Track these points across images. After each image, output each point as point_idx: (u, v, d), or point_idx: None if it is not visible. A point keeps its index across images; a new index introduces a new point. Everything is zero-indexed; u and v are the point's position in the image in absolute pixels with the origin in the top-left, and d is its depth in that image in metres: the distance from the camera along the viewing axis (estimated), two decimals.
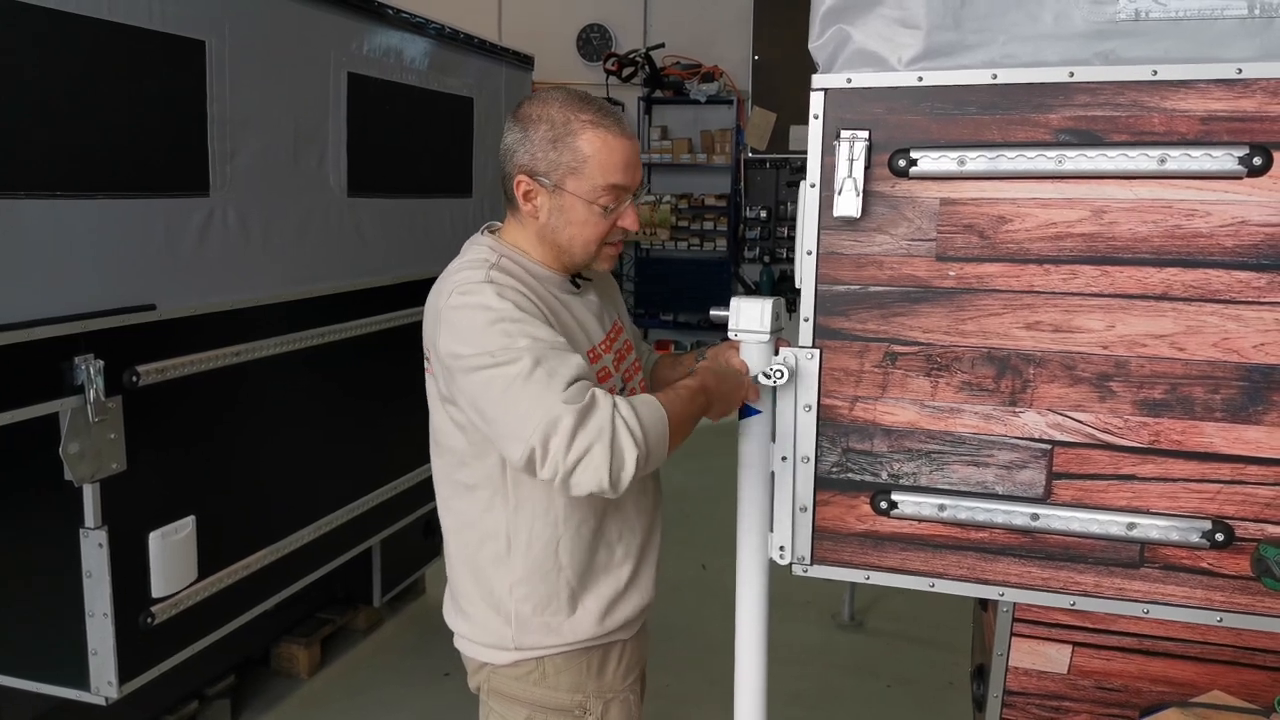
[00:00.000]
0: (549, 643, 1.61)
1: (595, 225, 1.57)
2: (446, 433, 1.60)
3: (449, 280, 1.55)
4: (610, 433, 1.35)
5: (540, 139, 1.53)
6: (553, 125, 1.52)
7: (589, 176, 1.53)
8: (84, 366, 2.07)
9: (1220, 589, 1.53)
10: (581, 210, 1.55)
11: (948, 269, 1.56)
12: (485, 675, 1.68)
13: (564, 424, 1.34)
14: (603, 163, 1.53)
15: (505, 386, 1.39)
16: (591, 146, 1.52)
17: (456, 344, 1.47)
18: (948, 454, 1.61)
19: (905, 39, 1.53)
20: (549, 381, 1.37)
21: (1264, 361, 1.46)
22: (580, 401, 1.36)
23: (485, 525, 1.60)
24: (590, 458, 1.34)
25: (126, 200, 2.20)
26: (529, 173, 1.54)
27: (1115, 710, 1.74)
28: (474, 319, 1.45)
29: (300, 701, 3.33)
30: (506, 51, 3.83)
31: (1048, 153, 1.49)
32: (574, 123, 1.52)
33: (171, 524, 2.34)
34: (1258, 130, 1.42)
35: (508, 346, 1.41)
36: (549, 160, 1.53)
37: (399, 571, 3.78)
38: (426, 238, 3.38)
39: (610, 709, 1.67)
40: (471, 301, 1.47)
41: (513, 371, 1.39)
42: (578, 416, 1.34)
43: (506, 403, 1.39)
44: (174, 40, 2.26)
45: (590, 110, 1.53)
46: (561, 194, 1.54)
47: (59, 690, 2.28)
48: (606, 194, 1.54)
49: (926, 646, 3.72)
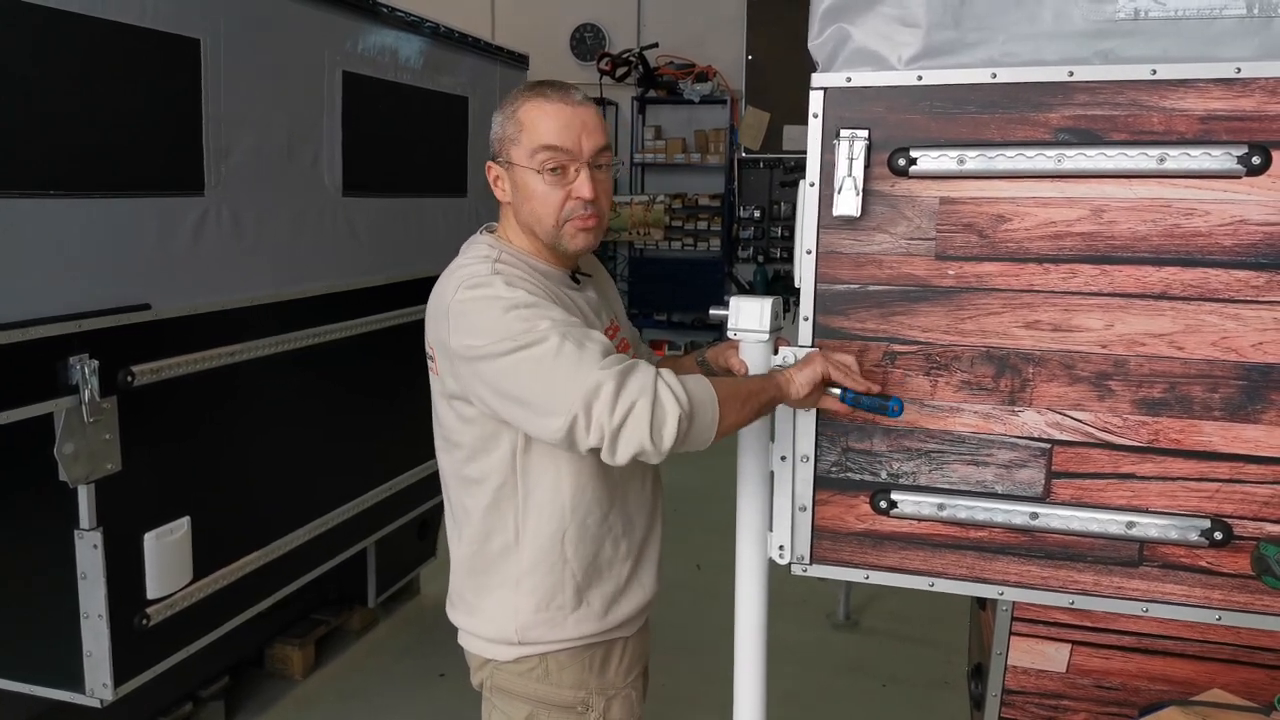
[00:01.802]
0: (552, 638, 1.62)
1: (546, 195, 1.56)
2: (454, 429, 1.61)
3: (453, 276, 1.55)
4: (653, 391, 1.36)
5: (495, 122, 1.61)
6: (503, 107, 1.60)
7: (525, 142, 1.56)
8: (79, 366, 2.06)
9: (1219, 587, 1.53)
10: (531, 180, 1.56)
11: (947, 268, 1.56)
12: (488, 672, 1.68)
13: (606, 388, 1.35)
14: (535, 125, 1.56)
15: (536, 365, 1.39)
16: (528, 115, 1.57)
17: (471, 336, 1.46)
18: (947, 453, 1.61)
19: (905, 38, 1.53)
20: (581, 353, 1.38)
21: (1262, 360, 1.46)
22: (619, 365, 1.38)
23: (493, 519, 1.61)
24: (634, 416, 1.35)
25: (121, 199, 2.19)
26: (493, 157, 1.62)
27: (1114, 709, 1.74)
28: (487, 309, 1.45)
29: (294, 703, 3.32)
30: (501, 51, 3.82)
31: (1047, 152, 1.49)
32: (518, 98, 1.59)
33: (166, 525, 2.33)
34: (1256, 129, 1.42)
35: (529, 329, 1.41)
36: (500, 139, 1.60)
37: (393, 572, 3.77)
38: (420, 237, 3.37)
39: (612, 706, 1.68)
40: (482, 294, 1.48)
41: (541, 350, 1.39)
42: (619, 378, 1.36)
43: (540, 380, 1.39)
44: (169, 39, 2.25)
45: (537, 85, 1.60)
46: (511, 167, 1.58)
47: (53, 692, 2.27)
48: (544, 155, 1.55)
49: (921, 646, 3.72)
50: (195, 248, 2.39)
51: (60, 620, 2.20)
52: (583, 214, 1.58)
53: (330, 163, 2.86)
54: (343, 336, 2.93)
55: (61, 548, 2.16)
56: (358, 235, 3.02)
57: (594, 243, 1.63)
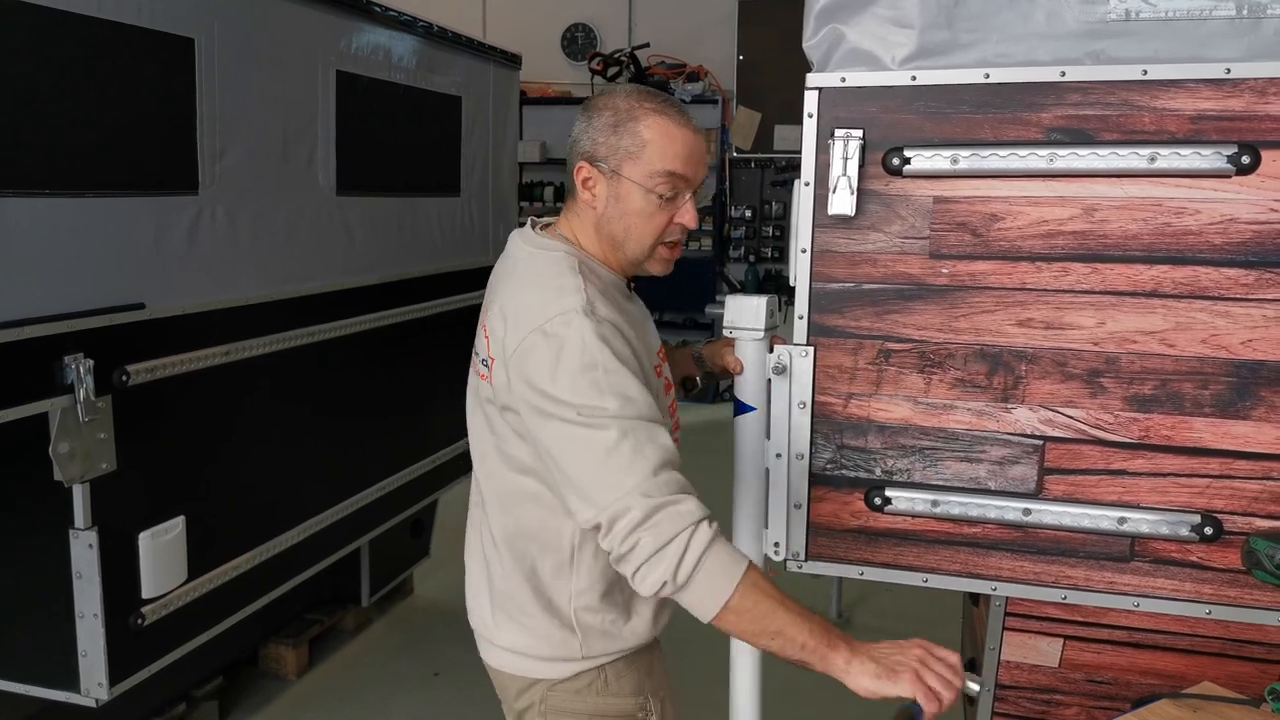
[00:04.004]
0: (612, 649, 1.57)
1: (651, 217, 1.52)
2: (508, 440, 1.51)
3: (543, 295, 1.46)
4: (662, 544, 1.31)
5: (602, 125, 1.51)
6: (616, 112, 1.51)
7: (646, 161, 1.49)
8: (74, 366, 2.05)
9: (1209, 582, 1.55)
10: (638, 198, 1.50)
11: (941, 266, 1.58)
12: (539, 694, 1.58)
13: (632, 514, 1.31)
14: (661, 149, 1.49)
15: (586, 450, 1.36)
16: (651, 132, 1.49)
17: (542, 379, 1.40)
18: (941, 450, 1.62)
19: (899, 38, 1.55)
20: (633, 460, 1.34)
21: (1252, 357, 1.48)
22: (657, 499, 1.32)
23: (548, 534, 1.53)
24: (635, 552, 1.32)
25: (115, 199, 2.18)
26: (589, 159, 1.52)
27: (1106, 702, 1.76)
28: (569, 358, 1.38)
29: (288, 702, 3.32)
30: (494, 50, 3.82)
31: (1039, 151, 1.51)
32: (637, 109, 1.50)
33: (161, 524, 2.33)
34: (1246, 129, 1.44)
35: (596, 407, 1.35)
36: (609, 145, 1.50)
37: (387, 571, 3.77)
38: (415, 237, 3.37)
39: (666, 706, 1.64)
40: (569, 336, 1.39)
41: (597, 440, 1.35)
42: (646, 511, 1.31)
43: (585, 468, 1.36)
44: (163, 38, 2.25)
45: (655, 100, 1.52)
46: (619, 180, 1.50)
47: (49, 692, 2.26)
48: (663, 181, 1.49)
49: None
50: (190, 247, 2.39)
51: (55, 620, 2.19)
52: (676, 239, 1.56)
53: (324, 162, 2.86)
54: (337, 336, 2.92)
55: (56, 547, 2.16)
56: (352, 235, 3.02)
57: (669, 270, 1.60)
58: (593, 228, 1.55)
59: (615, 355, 1.39)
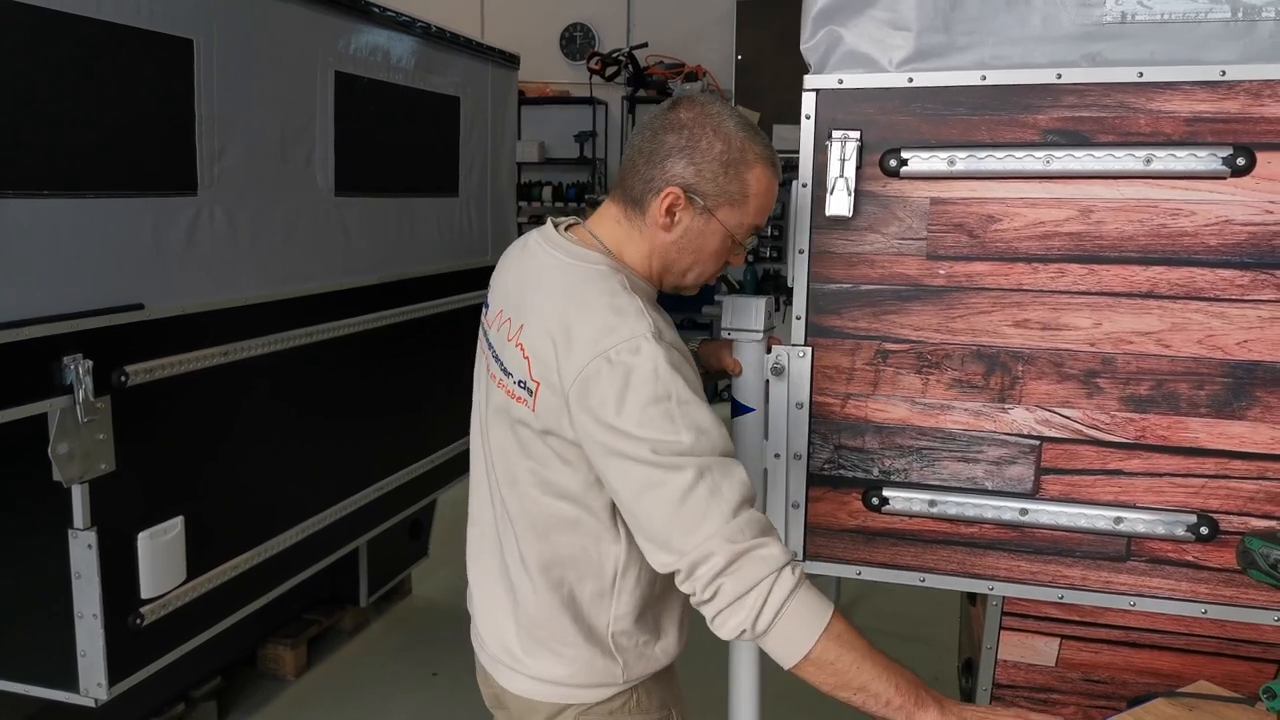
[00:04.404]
0: (649, 669, 1.53)
1: (720, 257, 1.47)
2: (548, 464, 1.41)
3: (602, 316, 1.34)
4: (745, 590, 1.26)
5: (713, 159, 1.39)
6: (729, 148, 1.39)
7: (743, 211, 1.42)
8: (72, 366, 2.06)
9: (1205, 581, 1.56)
10: (718, 241, 1.44)
11: (938, 268, 1.58)
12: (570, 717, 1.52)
13: (713, 561, 1.26)
14: (763, 204, 1.44)
15: (663, 494, 1.28)
16: (759, 185, 1.42)
17: (608, 412, 1.29)
18: (938, 450, 1.63)
19: (896, 40, 1.55)
20: (710, 502, 1.27)
21: (1247, 358, 1.49)
22: (740, 544, 1.26)
23: (588, 561, 1.46)
24: (719, 598, 1.27)
25: (114, 199, 2.19)
26: (687, 189, 1.40)
27: (1102, 701, 1.77)
28: (638, 388, 1.28)
29: (287, 703, 3.32)
30: (492, 51, 3.83)
31: (1036, 153, 1.52)
32: (749, 153, 1.41)
33: (160, 524, 2.33)
34: (1241, 131, 1.44)
35: (670, 442, 1.27)
36: (715, 184, 1.40)
37: (386, 572, 3.77)
38: (413, 237, 3.38)
39: (685, 712, 1.64)
40: (639, 365, 1.29)
41: (673, 483, 1.27)
42: (729, 558, 1.26)
43: (660, 512, 1.29)
44: (162, 39, 2.25)
45: (761, 143, 1.43)
46: (711, 219, 1.41)
47: (48, 692, 2.26)
48: (748, 232, 1.45)
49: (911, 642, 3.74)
50: (189, 248, 2.39)
51: (54, 620, 2.19)
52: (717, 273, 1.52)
53: (323, 163, 2.86)
54: (336, 336, 2.93)
55: (56, 547, 2.16)
56: (350, 235, 3.02)
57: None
58: (650, 248, 1.45)
59: (687, 384, 1.31)
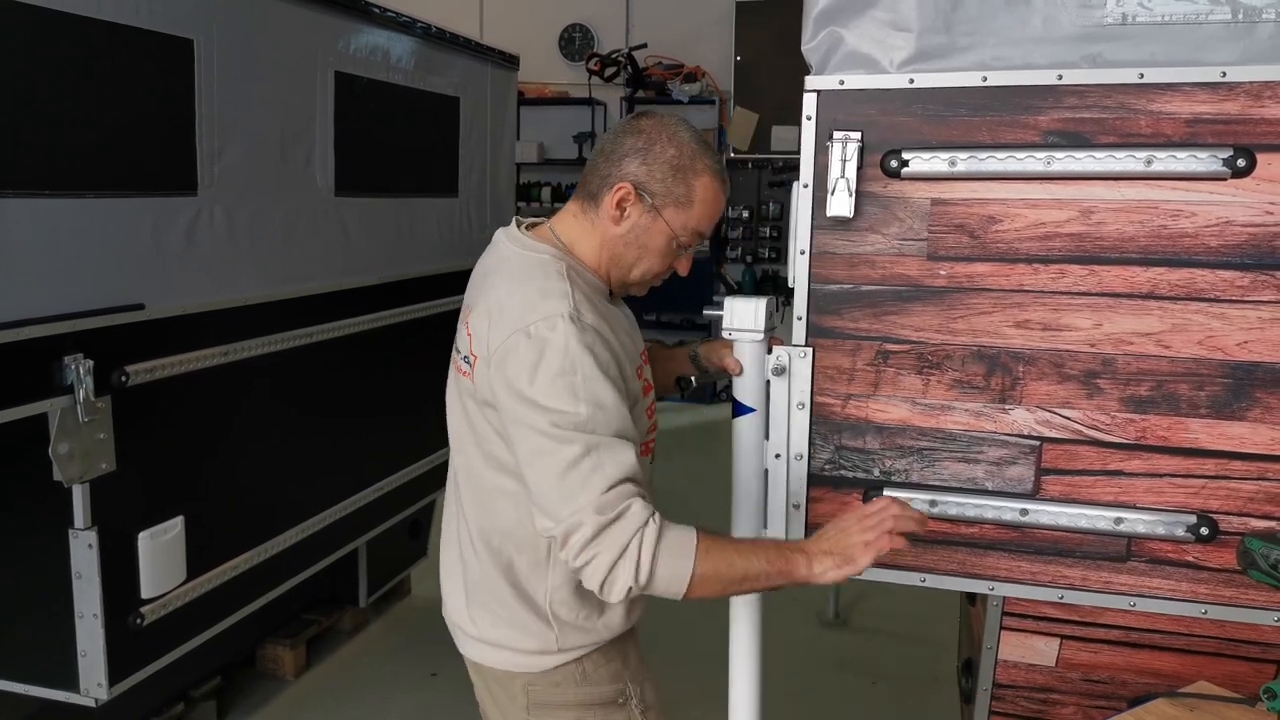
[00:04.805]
0: (587, 641, 1.62)
1: (663, 259, 1.60)
2: (488, 438, 1.55)
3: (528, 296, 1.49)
4: (617, 553, 1.37)
5: (664, 162, 1.54)
6: (680, 154, 1.55)
7: (689, 215, 1.56)
8: (73, 366, 2.06)
9: (1205, 582, 1.56)
10: (663, 240, 1.57)
11: (939, 268, 1.59)
12: (520, 688, 1.63)
13: (583, 530, 1.38)
14: (707, 211, 1.58)
15: (549, 462, 1.41)
16: (706, 192, 1.56)
17: (521, 381, 1.43)
18: (939, 451, 1.63)
19: (897, 41, 1.56)
20: (590, 478, 1.39)
21: (1247, 359, 1.49)
22: (608, 514, 1.37)
23: (523, 533, 1.56)
24: (593, 566, 1.38)
25: (114, 199, 2.19)
26: (637, 185, 1.55)
27: (1102, 701, 1.77)
28: (550, 365, 1.42)
29: (286, 703, 3.32)
30: (492, 51, 3.83)
31: (1036, 154, 1.52)
32: (699, 163, 1.56)
33: (161, 524, 2.33)
34: (1241, 132, 1.45)
35: (568, 413, 1.40)
36: (664, 184, 1.55)
37: (385, 572, 3.77)
38: (412, 237, 3.38)
39: (645, 690, 1.70)
40: (554, 343, 1.43)
41: (562, 453, 1.40)
42: (596, 529, 1.37)
43: (546, 479, 1.42)
44: (162, 39, 2.25)
45: (711, 157, 1.58)
46: (657, 217, 1.56)
47: (48, 692, 2.26)
48: (692, 237, 1.59)
49: (910, 642, 3.75)
50: (189, 248, 2.39)
51: (55, 620, 2.20)
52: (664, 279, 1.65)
53: (323, 163, 2.86)
54: (336, 336, 2.93)
55: (56, 547, 2.16)
56: (350, 235, 3.02)
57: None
58: (600, 241, 1.59)
59: (596, 362, 1.43)
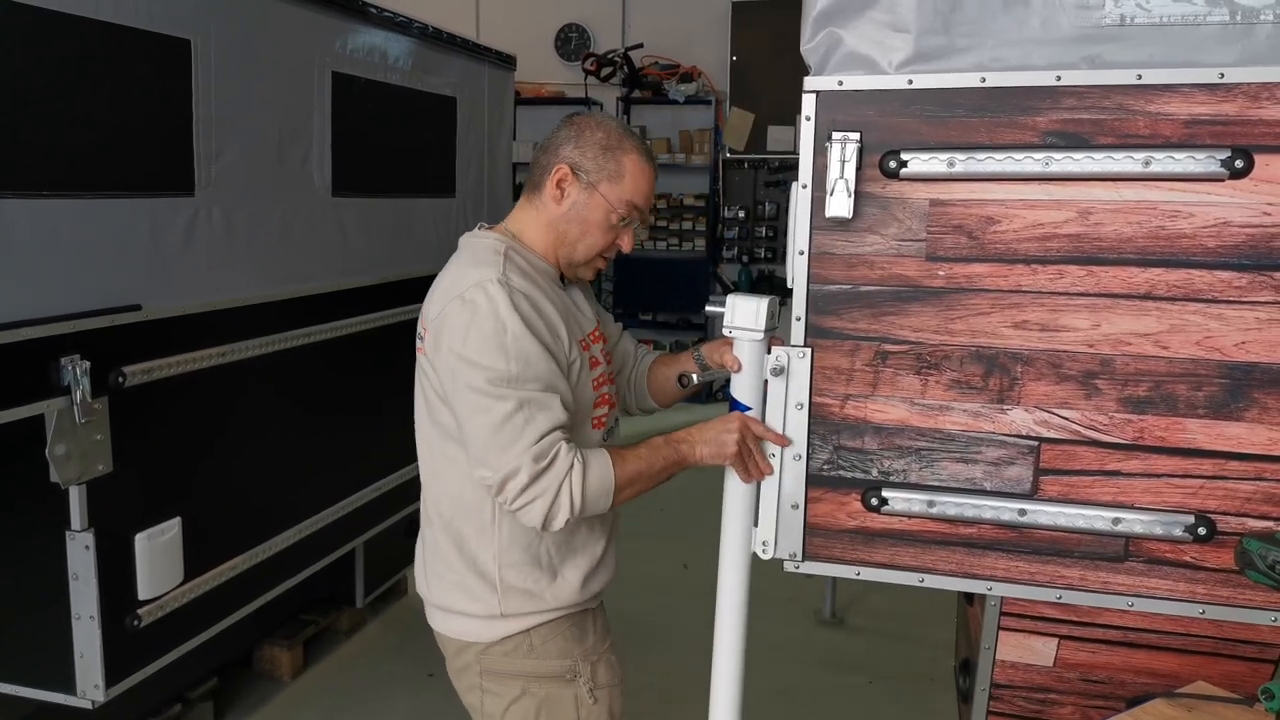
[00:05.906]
0: (533, 609, 1.71)
1: (604, 233, 1.75)
2: (436, 406, 1.70)
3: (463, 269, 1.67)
4: (553, 495, 1.57)
5: (594, 143, 1.73)
6: (608, 136, 1.74)
7: (621, 189, 1.73)
8: (70, 367, 2.05)
9: (1203, 582, 1.56)
10: (600, 213, 1.73)
11: (937, 269, 1.59)
12: (473, 656, 1.75)
13: (519, 478, 1.56)
14: (637, 183, 1.74)
15: (485, 417, 1.57)
16: (634, 167, 1.74)
17: (456, 341, 1.60)
18: (937, 451, 1.63)
19: (895, 42, 1.56)
20: (524, 430, 1.56)
21: (1245, 359, 1.50)
22: (541, 462, 1.56)
23: (470, 497, 1.69)
24: (531, 508, 1.58)
25: (112, 200, 2.19)
26: (572, 165, 1.72)
27: (1100, 701, 1.77)
28: (482, 325, 1.58)
29: (283, 704, 3.31)
30: (489, 51, 3.83)
31: (1035, 155, 1.52)
32: (625, 143, 1.74)
33: (158, 525, 2.33)
34: (1239, 133, 1.45)
35: (500, 372, 1.57)
36: (595, 162, 1.72)
37: (381, 572, 3.77)
38: (410, 238, 3.38)
39: (598, 670, 1.77)
40: (483, 305, 1.59)
41: (496, 409, 1.57)
42: (531, 476, 1.56)
43: (483, 432, 1.58)
44: (160, 39, 2.25)
45: (636, 139, 1.77)
46: (594, 192, 1.72)
47: (45, 694, 2.26)
48: (628, 208, 1.74)
49: (907, 642, 3.75)
50: (186, 248, 2.39)
51: (52, 621, 2.19)
52: (609, 256, 1.79)
53: (320, 163, 2.86)
54: (333, 337, 2.93)
55: (53, 549, 2.16)
56: (347, 236, 3.02)
57: (594, 278, 1.86)
58: (546, 223, 1.75)
59: (523, 320, 1.59)
